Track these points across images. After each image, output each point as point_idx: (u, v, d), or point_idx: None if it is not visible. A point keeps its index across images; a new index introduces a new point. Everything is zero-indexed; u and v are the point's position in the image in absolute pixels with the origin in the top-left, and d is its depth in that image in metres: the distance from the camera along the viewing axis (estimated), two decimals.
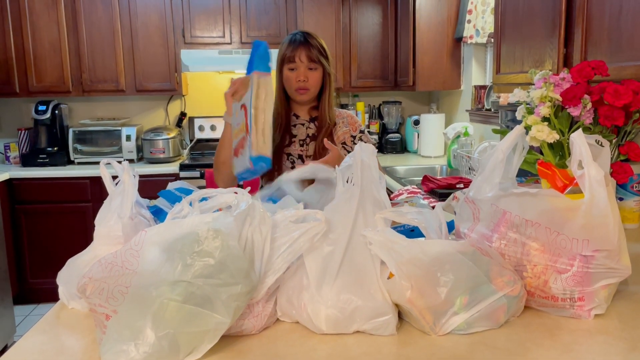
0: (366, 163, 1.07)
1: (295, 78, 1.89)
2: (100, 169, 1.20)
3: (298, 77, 1.88)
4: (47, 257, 3.81)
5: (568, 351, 0.92)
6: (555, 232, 1.01)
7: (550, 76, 1.22)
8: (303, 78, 1.88)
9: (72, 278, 1.10)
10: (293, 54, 1.87)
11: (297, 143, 1.97)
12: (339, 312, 0.98)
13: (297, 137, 1.98)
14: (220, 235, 0.93)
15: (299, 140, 1.98)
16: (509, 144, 1.12)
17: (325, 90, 1.96)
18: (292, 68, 1.89)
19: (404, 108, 4.63)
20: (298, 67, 1.88)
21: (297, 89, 1.90)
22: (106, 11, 3.91)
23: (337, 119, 2.02)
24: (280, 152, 1.94)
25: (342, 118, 2.04)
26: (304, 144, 1.97)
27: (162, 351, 0.88)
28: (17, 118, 4.28)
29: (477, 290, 0.98)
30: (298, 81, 1.89)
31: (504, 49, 2.23)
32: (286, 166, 1.94)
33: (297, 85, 1.89)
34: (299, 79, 1.88)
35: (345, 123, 2.03)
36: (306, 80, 1.89)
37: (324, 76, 1.94)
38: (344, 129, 2.01)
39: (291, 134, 1.98)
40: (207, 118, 4.39)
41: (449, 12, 3.73)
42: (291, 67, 1.89)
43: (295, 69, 1.89)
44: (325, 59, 1.91)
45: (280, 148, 1.94)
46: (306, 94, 1.92)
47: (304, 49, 1.87)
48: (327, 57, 1.92)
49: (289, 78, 1.90)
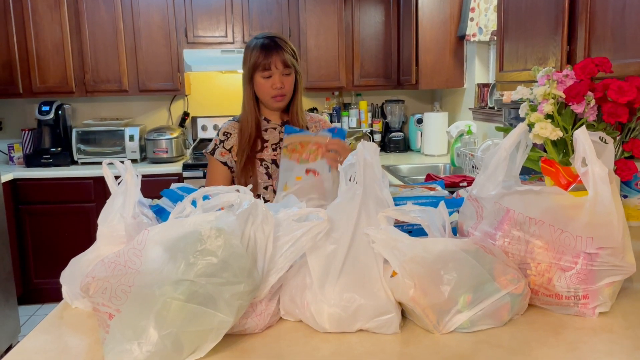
0: (369, 162, 1.07)
1: (271, 85, 1.83)
2: (103, 169, 1.21)
3: (274, 84, 1.82)
4: (51, 257, 3.82)
5: (572, 349, 0.91)
6: (559, 229, 1.01)
7: (554, 73, 1.22)
8: (279, 85, 1.82)
9: (75, 278, 1.10)
10: (268, 61, 1.81)
11: (269, 148, 1.91)
12: (342, 310, 0.97)
13: (269, 142, 1.91)
14: (222, 234, 0.93)
15: (271, 144, 1.91)
16: (512, 142, 1.12)
17: (296, 92, 1.91)
18: (267, 75, 1.83)
19: (407, 107, 4.62)
20: (273, 74, 1.82)
21: (274, 97, 1.85)
22: (109, 11, 3.91)
23: (310, 123, 1.98)
24: (252, 158, 1.88)
25: (314, 122, 1.99)
26: (277, 148, 1.91)
27: (165, 350, 0.88)
28: (21, 119, 4.30)
29: (480, 289, 0.97)
30: (275, 88, 1.83)
31: (507, 47, 2.23)
32: (260, 172, 1.89)
33: (274, 92, 1.84)
34: (275, 86, 1.82)
35: (319, 127, 1.99)
36: (282, 87, 1.83)
37: (296, 79, 1.89)
38: None
39: (263, 138, 1.91)
40: (210, 118, 4.39)
41: (452, 10, 3.72)
42: (266, 74, 1.82)
43: (270, 76, 1.83)
44: (297, 62, 1.87)
45: (252, 154, 1.88)
46: (283, 100, 1.87)
47: (278, 55, 1.81)
48: (297, 59, 1.88)
49: (263, 85, 1.84)
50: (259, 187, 1.89)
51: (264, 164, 1.90)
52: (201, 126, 4.37)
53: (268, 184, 1.89)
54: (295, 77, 1.89)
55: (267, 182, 1.89)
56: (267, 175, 1.90)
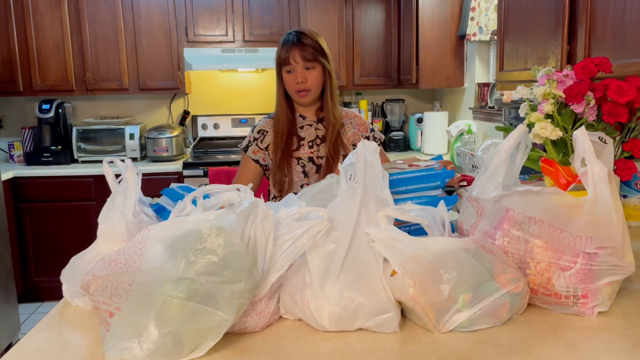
0: (369, 161, 1.07)
1: (293, 80, 1.83)
2: (104, 167, 1.21)
3: (296, 78, 1.83)
4: (51, 255, 3.82)
5: (571, 348, 0.91)
6: (559, 229, 1.01)
7: (554, 73, 1.22)
8: (301, 79, 1.82)
9: (75, 276, 1.11)
10: (287, 55, 1.82)
11: (306, 145, 1.90)
12: (342, 309, 0.98)
13: (305, 139, 1.91)
14: (223, 233, 0.93)
15: (307, 142, 1.91)
16: (512, 144, 1.12)
17: (327, 89, 1.90)
18: (289, 70, 1.84)
19: (407, 106, 4.62)
20: (294, 68, 1.83)
21: (297, 92, 1.85)
22: (109, 10, 3.91)
23: (344, 120, 1.97)
24: (289, 157, 1.87)
25: (349, 119, 1.98)
26: (314, 145, 1.90)
27: (166, 348, 0.88)
28: (21, 117, 4.30)
29: (480, 288, 0.98)
30: (297, 83, 1.83)
31: (508, 46, 2.23)
32: (297, 170, 1.88)
33: (296, 87, 1.84)
34: (297, 81, 1.83)
35: (354, 124, 1.97)
36: (305, 81, 1.83)
37: (325, 75, 1.87)
38: (353, 130, 1.96)
39: (299, 136, 1.91)
40: (211, 116, 4.39)
41: (452, 10, 3.72)
42: (288, 69, 1.84)
43: (292, 71, 1.83)
44: (323, 57, 1.85)
45: (288, 152, 1.87)
46: (307, 96, 1.86)
47: (297, 49, 1.81)
48: (325, 54, 1.86)
49: (288, 81, 1.85)
50: (295, 186, 1.86)
51: (300, 163, 1.88)
52: (201, 125, 4.37)
53: (304, 182, 1.87)
54: (323, 72, 1.86)
55: (304, 181, 1.88)
56: (304, 173, 1.88)
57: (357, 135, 1.96)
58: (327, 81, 1.89)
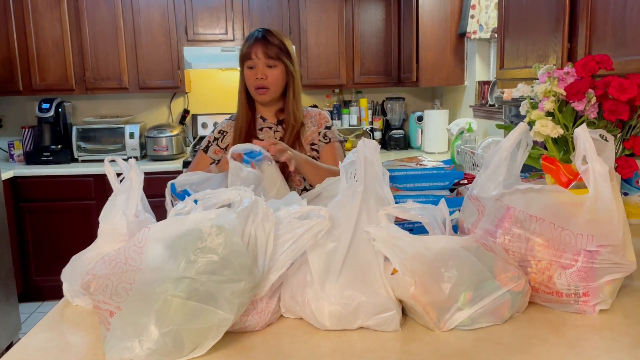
0: (369, 159, 1.07)
1: (253, 76, 1.81)
2: (105, 166, 1.21)
3: (256, 74, 1.80)
4: (51, 254, 3.82)
5: (573, 347, 0.91)
6: (560, 227, 1.01)
7: (554, 71, 1.22)
8: (261, 76, 1.80)
9: (76, 275, 1.10)
10: (249, 50, 1.80)
11: None
12: (343, 308, 0.97)
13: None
14: (223, 232, 0.93)
15: None
16: (513, 142, 1.12)
17: (289, 90, 1.87)
18: (250, 66, 1.82)
19: (407, 104, 4.62)
20: (256, 64, 1.80)
21: (256, 88, 1.82)
22: (109, 9, 3.91)
23: (306, 119, 1.92)
24: None
25: (310, 118, 1.93)
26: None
27: (166, 347, 0.88)
28: (21, 116, 4.30)
29: (481, 286, 0.97)
30: (256, 79, 1.81)
31: (508, 44, 2.22)
32: None
33: (256, 83, 1.81)
34: (257, 77, 1.80)
35: (314, 122, 1.92)
36: (264, 78, 1.80)
37: (287, 76, 1.85)
38: (312, 129, 1.91)
39: (257, 138, 1.87)
40: (210, 115, 4.39)
41: (452, 8, 3.72)
42: (250, 64, 1.81)
43: (253, 67, 1.81)
44: (288, 57, 1.83)
45: None
46: (266, 94, 1.83)
47: (261, 45, 1.79)
48: (289, 55, 1.84)
49: (248, 76, 1.83)
50: None
51: None
52: (201, 123, 4.36)
53: None
54: (286, 72, 1.84)
55: None
56: None
57: (315, 134, 1.92)
58: (290, 82, 1.87)
